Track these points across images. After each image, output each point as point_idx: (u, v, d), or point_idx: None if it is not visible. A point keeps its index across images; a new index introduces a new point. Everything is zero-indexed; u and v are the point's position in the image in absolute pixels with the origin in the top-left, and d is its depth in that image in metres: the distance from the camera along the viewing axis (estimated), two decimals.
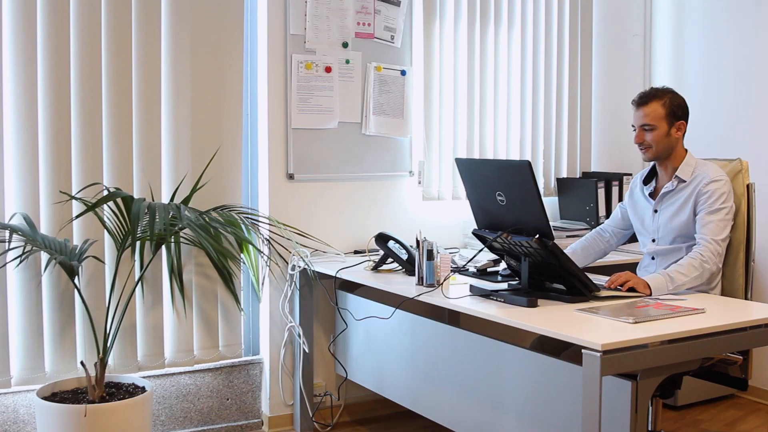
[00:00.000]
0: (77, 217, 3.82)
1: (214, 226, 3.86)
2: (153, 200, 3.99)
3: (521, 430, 3.17)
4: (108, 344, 3.73)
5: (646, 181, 3.72)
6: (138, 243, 3.88)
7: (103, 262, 3.95)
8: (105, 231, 3.87)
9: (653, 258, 3.66)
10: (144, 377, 3.96)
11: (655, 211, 3.62)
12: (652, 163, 3.70)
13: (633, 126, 3.59)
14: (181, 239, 4.02)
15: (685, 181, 3.53)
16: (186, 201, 4.00)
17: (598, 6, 5.41)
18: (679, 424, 4.57)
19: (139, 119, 4.03)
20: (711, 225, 3.41)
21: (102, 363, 3.68)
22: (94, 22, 3.89)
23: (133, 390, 3.77)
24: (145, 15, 4.01)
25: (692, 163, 3.56)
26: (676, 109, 3.53)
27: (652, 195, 3.66)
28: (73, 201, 3.82)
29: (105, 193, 3.83)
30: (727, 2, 5.07)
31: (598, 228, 3.97)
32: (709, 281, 3.50)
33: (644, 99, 3.55)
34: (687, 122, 3.58)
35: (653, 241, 3.65)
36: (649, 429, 3.64)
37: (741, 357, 3.34)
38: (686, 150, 3.60)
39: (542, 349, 3.36)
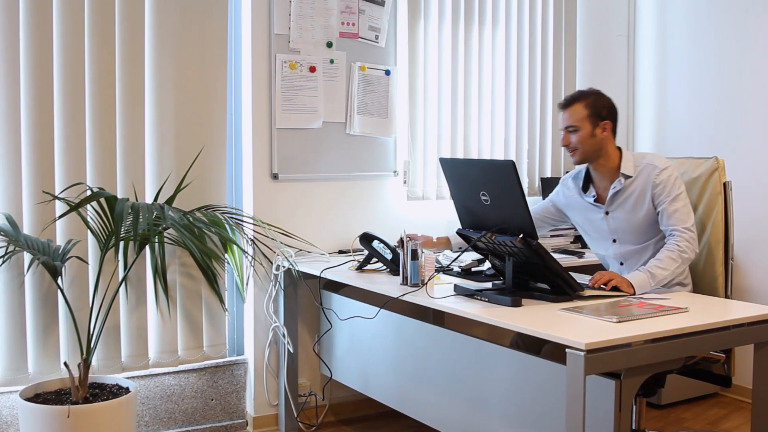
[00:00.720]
0: (60, 217, 3.80)
1: (198, 226, 3.85)
2: (137, 200, 3.99)
3: (506, 430, 3.17)
4: (91, 345, 3.72)
5: (584, 189, 3.67)
6: (121, 243, 3.87)
7: (87, 263, 3.94)
8: (88, 231, 3.86)
9: (622, 264, 3.65)
10: (128, 378, 3.95)
11: (607, 213, 3.59)
12: (582, 166, 3.66)
13: (561, 129, 3.57)
14: (165, 239, 4.01)
15: (631, 177, 3.50)
16: (170, 201, 3.99)
17: (582, 6, 5.43)
18: (663, 423, 4.59)
19: (123, 119, 4.02)
20: (677, 213, 3.40)
21: (85, 364, 3.67)
22: (77, 20, 3.88)
23: (117, 391, 3.75)
24: (128, 14, 4.00)
25: (631, 159, 3.53)
26: (599, 110, 3.49)
27: (597, 200, 3.62)
28: (56, 201, 3.81)
29: (88, 193, 3.82)
30: (710, 3, 5.09)
31: None
32: (682, 271, 3.50)
33: (567, 102, 3.53)
34: (615, 122, 3.53)
35: (614, 241, 3.65)
36: (633, 428, 3.65)
37: (723, 355, 3.36)
38: (619, 148, 3.56)
39: (522, 346, 3.37)
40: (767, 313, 3.02)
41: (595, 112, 3.48)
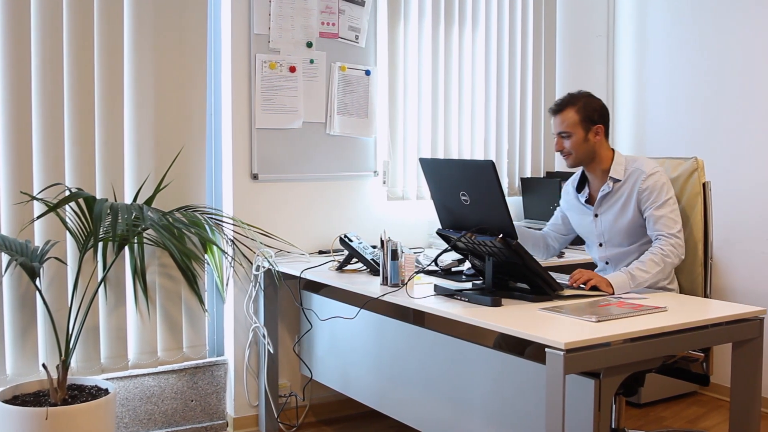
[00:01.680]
0: (38, 217, 3.78)
1: (178, 227, 3.84)
2: (116, 200, 3.96)
3: (486, 429, 3.17)
4: (70, 346, 3.69)
5: (578, 189, 3.71)
6: (100, 244, 3.85)
7: (65, 263, 3.91)
8: (67, 232, 3.83)
9: (607, 263, 3.67)
10: (107, 379, 3.93)
11: (596, 215, 3.62)
12: (579, 169, 3.69)
13: (553, 134, 3.60)
14: (145, 240, 3.99)
15: (620, 180, 3.52)
16: (149, 201, 3.98)
17: (562, 7, 5.45)
18: (643, 422, 4.61)
19: (102, 118, 4.00)
20: (663, 219, 3.42)
21: (64, 365, 3.65)
22: (56, 19, 3.85)
23: (96, 392, 3.73)
24: (107, 13, 3.98)
25: (622, 162, 3.55)
26: (591, 114, 3.50)
27: (589, 201, 3.66)
28: (35, 201, 3.78)
29: (67, 193, 3.79)
30: (689, 4, 5.12)
31: (542, 232, 3.93)
32: (667, 276, 3.52)
33: (559, 106, 3.55)
34: (606, 125, 3.55)
35: (600, 245, 3.67)
36: (613, 427, 3.66)
37: (702, 354, 3.38)
38: (613, 150, 3.59)
39: (505, 347, 3.38)
40: (745, 312, 3.05)
41: (586, 117, 3.50)
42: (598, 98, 3.59)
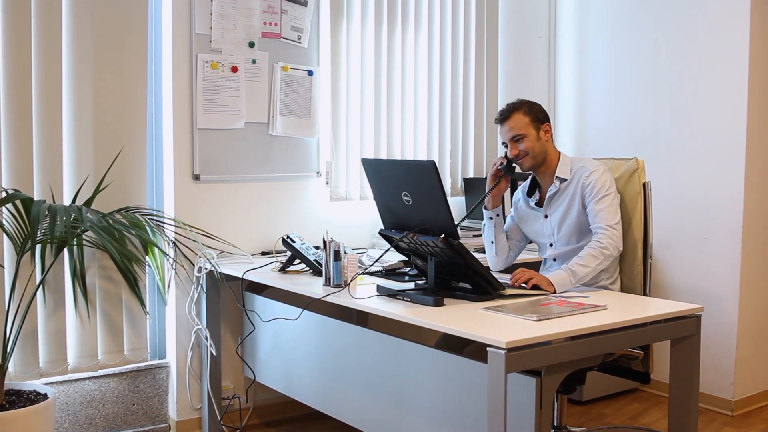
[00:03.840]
0: None
1: (118, 228, 3.79)
2: (54, 202, 3.90)
3: (429, 429, 3.19)
4: (8, 350, 3.63)
5: (529, 194, 3.78)
6: (38, 246, 3.79)
7: (2, 266, 3.85)
8: (3, 234, 3.77)
9: (555, 260, 3.71)
10: (46, 384, 3.87)
11: (546, 216, 3.68)
12: (531, 175, 3.76)
13: (504, 144, 3.65)
14: (84, 242, 3.93)
15: (566, 180, 3.60)
16: (89, 202, 3.93)
17: (504, 8, 5.49)
18: (584, 419, 4.67)
19: (40, 118, 3.93)
20: (602, 213, 3.48)
21: (1, 370, 3.58)
22: None
23: (35, 397, 3.67)
24: (45, 11, 3.91)
25: (568, 162, 3.65)
26: (537, 114, 3.62)
27: (539, 204, 3.72)
28: None
29: (3, 194, 3.73)
30: (629, 7, 5.19)
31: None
32: (610, 276, 3.58)
33: (505, 114, 3.63)
34: (550, 125, 3.67)
35: (551, 245, 3.71)
36: (555, 424, 3.70)
37: (642, 352, 3.43)
38: (559, 152, 3.68)
39: (445, 347, 3.39)
40: (683, 309, 3.10)
41: (534, 117, 3.61)
42: (537, 102, 3.69)
